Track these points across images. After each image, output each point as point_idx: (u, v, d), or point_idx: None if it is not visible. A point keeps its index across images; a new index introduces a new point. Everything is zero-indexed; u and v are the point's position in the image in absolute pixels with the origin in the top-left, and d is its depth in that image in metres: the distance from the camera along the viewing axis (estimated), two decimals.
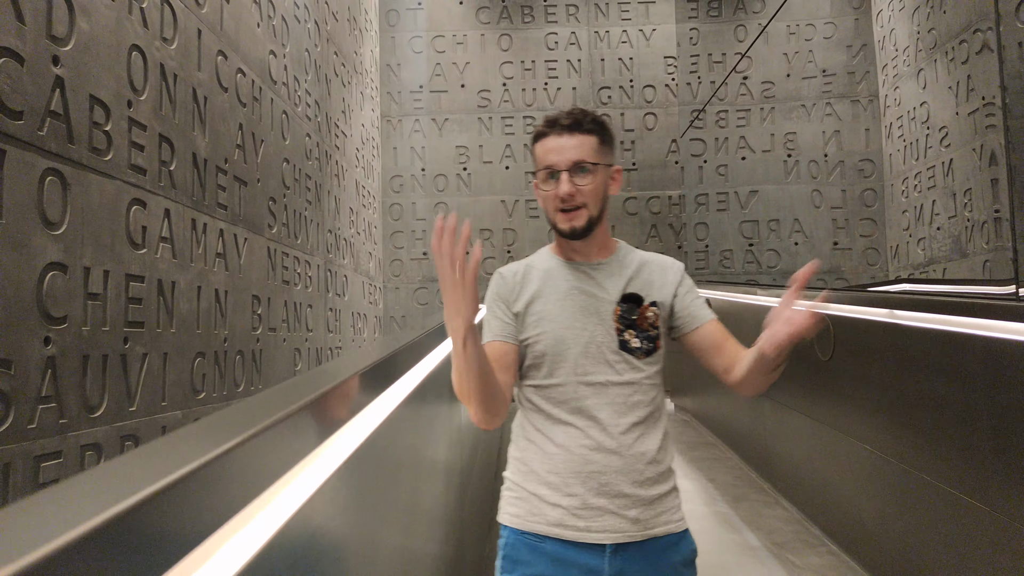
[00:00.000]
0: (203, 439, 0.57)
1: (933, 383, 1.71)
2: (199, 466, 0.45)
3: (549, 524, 1.10)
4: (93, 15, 2.25)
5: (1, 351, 1.83)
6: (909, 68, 5.99)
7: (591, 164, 1.15)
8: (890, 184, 6.73)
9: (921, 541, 1.82)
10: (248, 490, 0.55)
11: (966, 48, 5.31)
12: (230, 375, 3.18)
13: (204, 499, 0.47)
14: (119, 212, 2.36)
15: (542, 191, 1.17)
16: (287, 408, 0.65)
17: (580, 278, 1.18)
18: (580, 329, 1.14)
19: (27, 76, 1.96)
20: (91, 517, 0.34)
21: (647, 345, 1.14)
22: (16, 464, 1.89)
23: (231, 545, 0.48)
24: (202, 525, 0.46)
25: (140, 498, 0.38)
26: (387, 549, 1.19)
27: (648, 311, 1.16)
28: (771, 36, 6.96)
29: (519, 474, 1.16)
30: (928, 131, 5.64)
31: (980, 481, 1.53)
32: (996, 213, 4.71)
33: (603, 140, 1.18)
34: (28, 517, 0.35)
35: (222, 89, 3.20)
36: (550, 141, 1.16)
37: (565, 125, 1.15)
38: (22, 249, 1.92)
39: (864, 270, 7.06)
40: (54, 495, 0.40)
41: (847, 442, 2.26)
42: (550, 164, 1.15)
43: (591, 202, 1.15)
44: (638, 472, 1.10)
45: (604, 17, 7.13)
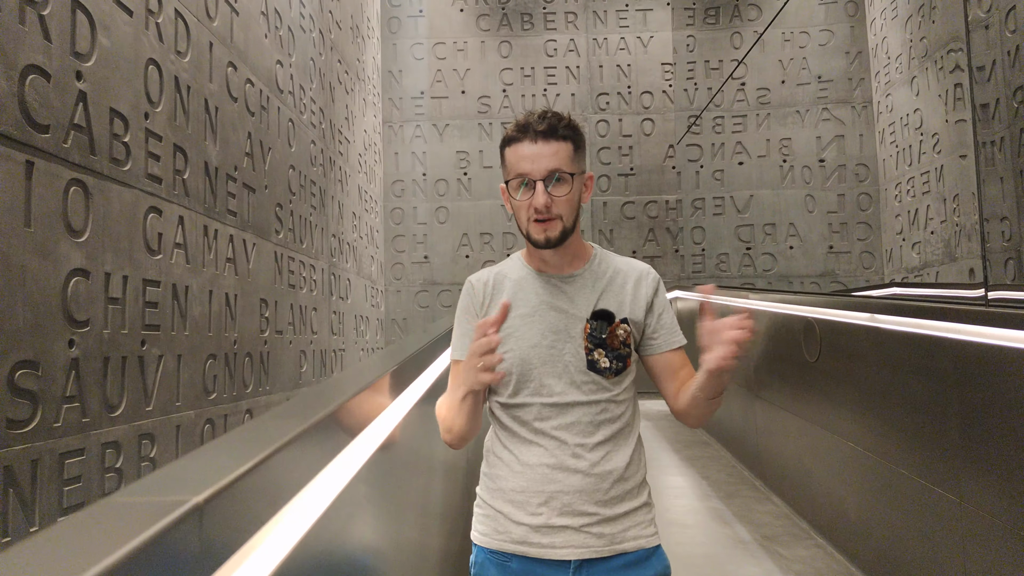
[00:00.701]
0: (250, 443, 0.62)
1: (909, 383, 1.82)
2: (251, 467, 0.49)
3: (513, 542, 1.09)
4: (113, 31, 2.36)
5: (29, 353, 1.93)
6: (901, 76, 6.11)
7: (567, 174, 1.09)
8: (884, 189, 6.84)
9: (898, 532, 1.93)
10: (291, 486, 0.64)
11: (955, 57, 5.43)
12: (239, 376, 3.28)
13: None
14: (137, 220, 2.46)
15: (515, 200, 1.12)
16: (314, 417, 0.73)
17: (551, 292, 1.14)
18: (547, 348, 1.10)
19: (53, 91, 2.07)
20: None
21: (616, 365, 1.10)
22: (43, 460, 1.99)
23: (283, 530, 0.55)
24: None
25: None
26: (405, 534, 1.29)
27: (619, 329, 1.11)
28: (767, 43, 7.07)
29: (487, 491, 1.15)
30: (921, 137, 5.76)
31: (950, 473, 1.63)
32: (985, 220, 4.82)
33: (577, 146, 1.12)
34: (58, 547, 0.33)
35: (232, 99, 3.31)
36: (523, 147, 1.09)
37: (539, 131, 1.09)
38: (48, 256, 2.02)
39: (860, 273, 7.16)
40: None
41: (832, 439, 2.37)
42: (524, 172, 1.09)
43: (566, 213, 1.10)
44: (602, 492, 1.08)
45: (602, 24, 7.25)
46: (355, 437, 0.92)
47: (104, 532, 0.31)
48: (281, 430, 0.63)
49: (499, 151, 1.17)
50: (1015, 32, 4.87)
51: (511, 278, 1.17)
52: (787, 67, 7.11)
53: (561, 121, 1.10)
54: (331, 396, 0.92)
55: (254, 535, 0.50)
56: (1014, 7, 4.90)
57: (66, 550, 0.30)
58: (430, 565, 1.66)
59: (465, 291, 1.20)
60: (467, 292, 1.20)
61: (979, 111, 4.56)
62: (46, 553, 0.30)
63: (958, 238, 5.12)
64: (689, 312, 5.07)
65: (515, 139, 1.11)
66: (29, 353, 1.93)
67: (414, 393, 1.40)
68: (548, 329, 1.11)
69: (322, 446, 0.77)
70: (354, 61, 5.95)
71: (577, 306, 1.12)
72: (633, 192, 7.18)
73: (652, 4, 7.24)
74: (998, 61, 5.03)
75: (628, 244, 7.13)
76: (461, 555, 1.38)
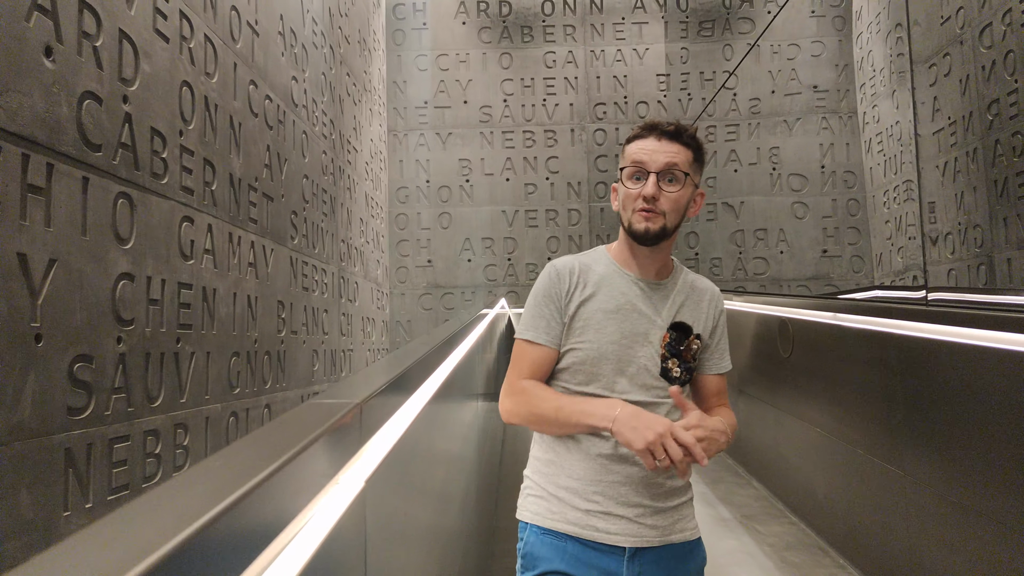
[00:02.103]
0: (277, 440, 0.79)
1: (864, 373, 2.06)
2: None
3: (569, 523, 1.10)
4: (153, 57, 2.60)
5: (85, 348, 2.17)
6: (885, 88, 6.37)
7: (682, 172, 1.10)
8: (872, 196, 7.10)
9: (855, 505, 2.16)
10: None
11: (935, 71, 5.69)
12: (259, 373, 3.52)
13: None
14: (173, 228, 2.70)
15: (624, 187, 1.12)
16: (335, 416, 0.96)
17: (637, 295, 1.14)
18: (626, 348, 1.11)
19: (104, 114, 2.31)
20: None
21: (685, 376, 1.13)
22: (96, 445, 2.22)
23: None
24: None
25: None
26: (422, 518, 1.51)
27: (694, 343, 1.14)
28: (760, 54, 7.33)
29: (541, 475, 1.16)
30: (901, 148, 6.02)
31: (896, 451, 1.86)
32: (959, 226, 5.07)
33: (697, 158, 1.14)
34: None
35: (253, 115, 3.55)
36: (647, 143, 1.12)
37: (666, 131, 1.11)
38: (100, 261, 2.26)
39: (851, 277, 7.41)
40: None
41: (803, 427, 2.61)
42: (640, 162, 1.10)
43: (671, 212, 1.11)
44: (658, 485, 1.10)
45: (600, 37, 7.51)
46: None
47: (303, 425, 0.53)
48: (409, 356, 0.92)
49: (621, 148, 1.20)
50: (990, 48, 5.12)
51: (596, 271, 1.17)
52: (776, 78, 7.37)
53: (687, 130, 1.14)
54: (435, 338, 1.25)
55: (389, 419, 0.80)
56: (989, 24, 5.15)
57: (281, 436, 0.52)
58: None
59: (548, 275, 1.19)
60: (551, 277, 1.18)
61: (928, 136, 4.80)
62: (276, 440, 0.53)
63: (934, 243, 5.38)
64: None
65: (640, 136, 1.14)
66: (85, 348, 2.17)
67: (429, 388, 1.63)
68: (629, 330, 1.12)
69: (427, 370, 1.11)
70: (361, 73, 6.20)
71: (659, 313, 1.14)
72: None
73: (647, 17, 7.51)
74: (972, 75, 5.28)
75: None
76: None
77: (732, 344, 1.09)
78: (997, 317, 1.42)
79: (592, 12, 7.51)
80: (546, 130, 7.42)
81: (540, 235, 7.31)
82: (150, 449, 2.51)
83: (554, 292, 1.17)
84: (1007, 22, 4.84)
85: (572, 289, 1.16)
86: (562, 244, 7.35)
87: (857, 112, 7.11)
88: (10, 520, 1.81)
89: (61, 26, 2.09)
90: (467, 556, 1.99)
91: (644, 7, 7.51)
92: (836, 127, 7.27)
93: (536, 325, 1.16)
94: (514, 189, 7.38)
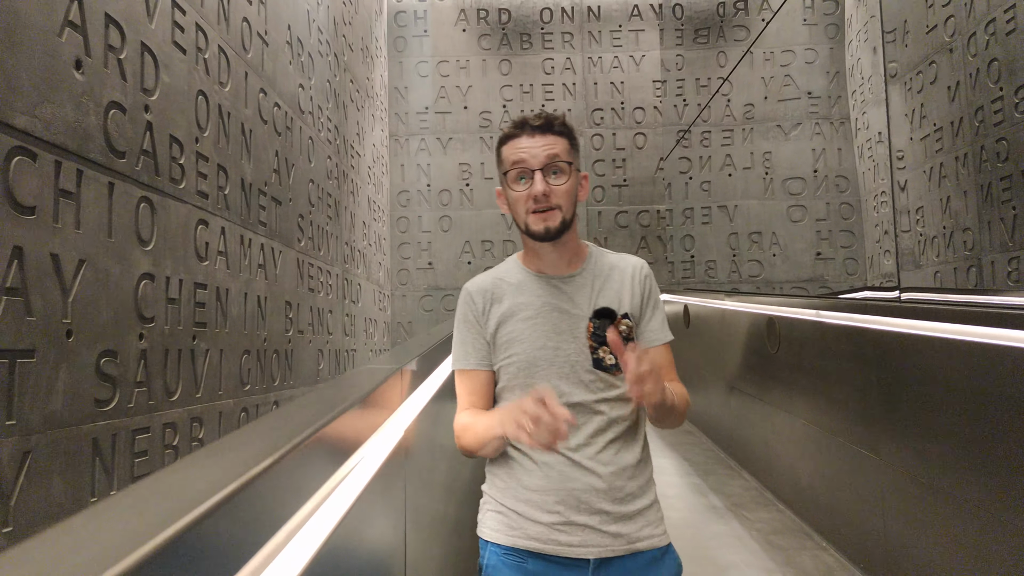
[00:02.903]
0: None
1: (843, 366, 2.19)
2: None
3: (530, 539, 1.07)
4: (172, 68, 2.74)
5: (111, 344, 2.30)
6: (874, 95, 6.53)
7: (565, 163, 1.09)
8: (864, 200, 7.25)
9: (835, 490, 2.30)
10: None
11: (922, 79, 5.85)
12: (268, 370, 3.65)
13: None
14: (189, 230, 2.83)
15: (513, 191, 1.11)
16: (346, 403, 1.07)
17: (552, 293, 1.13)
18: (553, 349, 1.10)
19: (128, 123, 2.44)
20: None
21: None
22: (120, 435, 2.35)
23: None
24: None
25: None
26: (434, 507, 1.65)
27: (621, 324, 1.11)
28: (754, 61, 7.49)
29: (498, 489, 1.13)
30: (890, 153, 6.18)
31: (872, 438, 2.00)
32: (944, 230, 5.22)
33: (572, 143, 1.13)
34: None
35: (263, 122, 3.69)
36: (521, 141, 1.10)
37: (536, 126, 1.10)
38: (124, 262, 2.39)
39: (844, 279, 7.55)
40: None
41: (789, 419, 2.74)
42: (521, 161, 1.09)
43: (564, 203, 1.09)
44: (617, 488, 1.07)
45: (597, 44, 7.66)
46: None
47: (354, 384, 0.67)
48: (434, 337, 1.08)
49: (495, 152, 1.17)
50: (975, 56, 5.28)
51: (509, 282, 1.17)
52: (769, 84, 7.53)
53: (556, 118, 1.13)
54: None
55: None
56: (974, 33, 5.31)
57: (334, 392, 0.66)
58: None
59: (463, 300, 1.19)
60: (465, 302, 1.18)
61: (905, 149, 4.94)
62: (343, 389, 0.66)
63: (922, 247, 5.53)
64: (674, 315, 5.44)
65: (512, 136, 1.12)
66: (111, 344, 2.30)
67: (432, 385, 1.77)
68: (552, 331, 1.10)
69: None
70: (364, 80, 6.34)
71: (578, 305, 1.12)
72: (626, 202, 7.57)
73: (644, 25, 7.66)
74: (962, 82, 5.44)
75: (622, 251, 7.52)
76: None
77: (724, 343, 1.10)
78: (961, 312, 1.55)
79: (590, 20, 7.66)
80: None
81: None
82: (168, 441, 2.63)
83: (470, 315, 1.16)
84: (991, 31, 5.00)
85: (487, 308, 1.15)
86: None
87: (849, 118, 7.27)
88: (45, 503, 1.93)
89: (89, 40, 2.22)
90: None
91: (640, 15, 7.67)
92: (828, 133, 7.43)
93: (464, 352, 1.15)
94: None
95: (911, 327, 1.75)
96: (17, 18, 1.89)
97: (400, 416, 0.66)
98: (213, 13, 3.12)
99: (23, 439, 1.85)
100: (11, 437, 1.81)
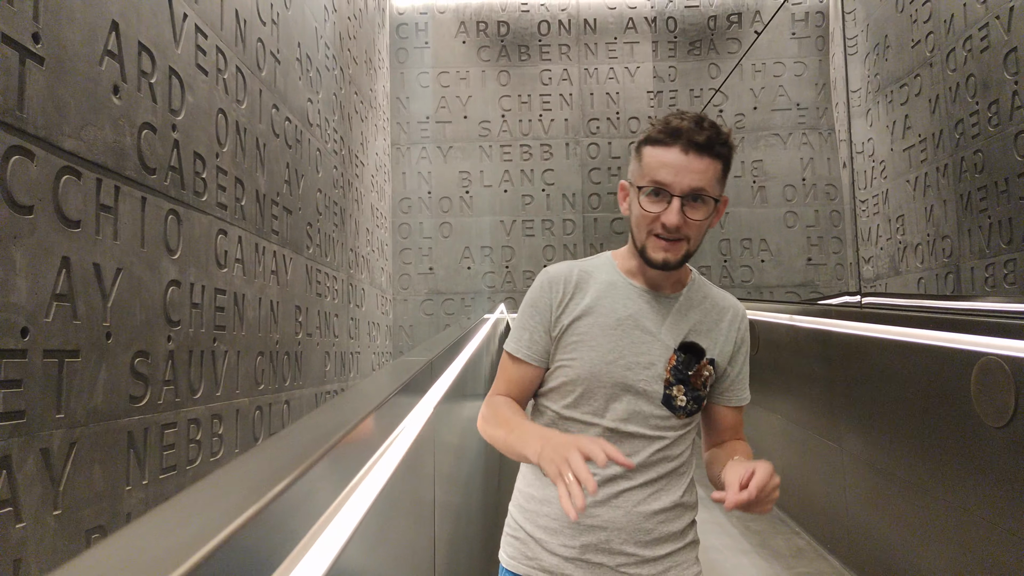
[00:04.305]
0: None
1: (813, 365, 2.40)
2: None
3: (544, 571, 1.00)
4: (196, 89, 2.95)
5: (143, 345, 2.50)
6: (858, 107, 6.77)
7: (710, 198, 0.95)
8: (847, 209, 7.48)
9: (804, 477, 2.51)
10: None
11: (906, 91, 6.09)
12: (280, 372, 3.85)
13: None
14: (211, 240, 3.04)
15: (641, 207, 0.97)
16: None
17: (642, 309, 1.00)
18: (624, 369, 0.98)
19: (158, 141, 2.65)
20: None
21: (692, 406, 1.00)
22: (151, 429, 2.54)
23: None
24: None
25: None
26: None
27: (705, 369, 1.00)
28: (744, 73, 7.73)
29: (521, 511, 1.07)
30: (873, 164, 6.41)
31: (835, 429, 2.21)
32: (927, 237, 5.45)
33: (726, 169, 0.98)
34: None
35: (276, 135, 3.90)
36: (670, 154, 0.94)
37: (697, 142, 0.93)
38: (155, 270, 2.59)
39: (835, 284, 7.78)
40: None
41: (766, 415, 2.96)
42: (663, 182, 0.94)
43: (695, 236, 0.97)
44: (645, 532, 0.98)
45: (593, 55, 7.89)
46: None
47: (399, 370, 0.89)
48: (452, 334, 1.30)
49: (635, 149, 1.02)
50: (955, 71, 5.51)
51: (598, 279, 1.04)
52: (760, 95, 7.77)
53: (720, 136, 0.95)
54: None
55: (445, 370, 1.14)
56: (953, 49, 5.55)
57: (387, 376, 0.87)
58: None
59: (540, 284, 1.06)
60: (543, 286, 1.05)
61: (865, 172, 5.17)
62: (390, 377, 0.87)
63: (902, 254, 5.76)
64: None
65: (662, 142, 0.96)
66: (143, 345, 2.50)
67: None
68: (629, 348, 0.98)
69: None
70: (367, 91, 6.55)
71: (666, 332, 1.00)
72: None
73: (638, 37, 7.90)
74: (941, 96, 5.67)
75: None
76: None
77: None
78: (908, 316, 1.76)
79: (586, 32, 7.90)
80: (542, 144, 7.79)
81: (537, 244, 7.66)
82: (192, 436, 2.83)
83: (543, 303, 1.04)
84: (968, 48, 5.23)
85: (565, 300, 1.02)
86: (557, 252, 7.70)
87: (835, 129, 7.51)
88: (87, 490, 2.13)
89: (125, 67, 2.43)
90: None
91: (635, 27, 7.90)
92: (816, 142, 7.67)
93: (520, 337, 1.04)
94: (512, 200, 7.73)
95: (867, 330, 1.96)
96: (64, 50, 2.10)
97: (430, 396, 0.86)
98: (231, 35, 3.33)
99: (70, 431, 2.05)
100: (60, 429, 2.01)
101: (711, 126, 0.94)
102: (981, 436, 1.46)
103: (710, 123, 0.94)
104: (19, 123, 1.89)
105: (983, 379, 1.45)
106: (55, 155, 2.03)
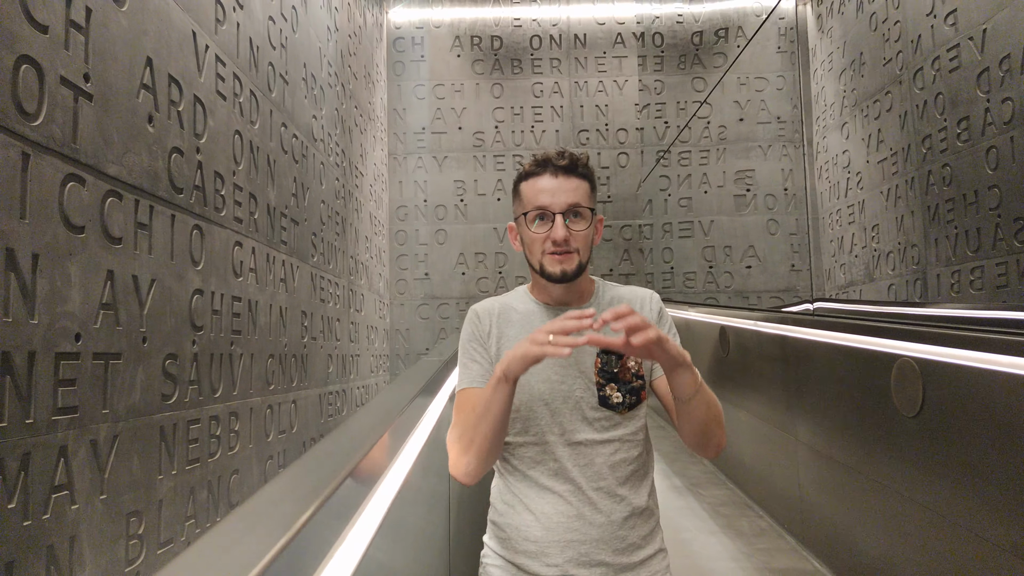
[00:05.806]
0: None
1: (774, 366, 2.70)
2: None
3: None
4: (216, 113, 3.21)
5: (173, 348, 2.76)
6: (834, 121, 7.11)
7: (586, 209, 1.07)
8: (821, 218, 7.83)
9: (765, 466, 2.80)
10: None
11: (879, 106, 6.43)
12: (288, 373, 4.11)
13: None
14: (228, 251, 3.30)
15: (531, 232, 1.07)
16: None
17: None
18: (558, 383, 1.05)
19: (184, 163, 2.91)
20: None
21: (630, 399, 1.05)
22: (179, 425, 2.80)
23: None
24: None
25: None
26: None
27: (630, 361, 1.06)
28: (726, 87, 8.06)
29: (497, 541, 1.11)
30: (848, 175, 6.75)
31: (790, 422, 2.50)
32: (899, 246, 5.78)
33: (593, 187, 1.10)
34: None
35: (284, 152, 4.16)
36: (543, 181, 1.07)
37: (560, 166, 1.07)
38: (182, 280, 2.85)
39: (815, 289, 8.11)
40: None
41: (737, 412, 3.25)
42: (543, 205, 1.06)
43: (583, 248, 1.07)
44: (620, 539, 1.04)
45: (583, 69, 8.20)
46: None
47: (423, 369, 1.15)
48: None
49: (513, 187, 1.15)
50: (923, 89, 5.85)
51: (517, 309, 1.14)
52: (746, 108, 8.10)
53: (579, 160, 1.09)
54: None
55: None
56: (921, 68, 5.89)
57: (419, 373, 1.13)
58: None
59: (470, 320, 1.16)
60: (472, 321, 1.15)
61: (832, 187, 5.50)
62: (418, 375, 1.13)
63: (876, 261, 6.09)
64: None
65: (534, 174, 1.09)
66: (172, 348, 2.76)
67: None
68: (558, 363, 1.06)
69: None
70: (366, 104, 6.82)
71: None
72: (610, 217, 8.10)
73: (626, 52, 8.22)
74: (909, 112, 6.02)
75: (605, 263, 8.05)
76: None
77: (688, 349, 1.00)
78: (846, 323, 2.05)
79: (576, 47, 8.21)
80: (534, 154, 8.08)
81: None
82: (212, 431, 3.09)
83: (477, 335, 1.13)
84: (936, 68, 5.56)
85: (493, 331, 1.12)
86: None
87: (812, 141, 7.85)
88: (127, 478, 2.39)
89: (158, 98, 2.70)
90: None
91: (624, 42, 8.22)
92: (794, 155, 8.01)
93: (470, 370, 1.11)
94: (505, 208, 8.02)
95: (815, 335, 2.24)
96: (109, 86, 2.36)
97: (445, 391, 1.13)
98: (246, 61, 3.60)
99: (113, 425, 2.32)
100: (106, 423, 2.27)
101: (570, 155, 1.11)
102: (899, 424, 1.75)
103: (569, 152, 1.11)
104: (73, 153, 2.15)
105: (900, 376, 1.74)
106: (102, 180, 2.29)
